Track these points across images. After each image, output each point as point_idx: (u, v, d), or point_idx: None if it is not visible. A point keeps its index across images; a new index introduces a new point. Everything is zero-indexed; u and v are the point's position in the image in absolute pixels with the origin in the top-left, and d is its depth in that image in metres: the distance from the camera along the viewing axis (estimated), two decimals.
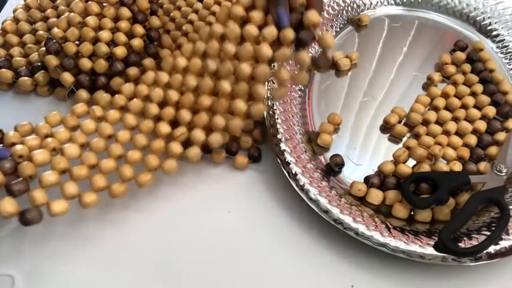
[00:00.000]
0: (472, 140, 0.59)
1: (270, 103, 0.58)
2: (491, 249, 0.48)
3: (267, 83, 0.58)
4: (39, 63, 0.63)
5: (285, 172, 0.53)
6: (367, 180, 0.55)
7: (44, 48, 0.61)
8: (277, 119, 0.57)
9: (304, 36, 0.50)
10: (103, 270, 0.49)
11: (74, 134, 0.53)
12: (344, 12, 0.72)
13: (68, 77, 0.59)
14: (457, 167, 0.56)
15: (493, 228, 0.49)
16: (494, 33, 0.72)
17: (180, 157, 0.52)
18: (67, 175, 0.49)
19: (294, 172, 0.53)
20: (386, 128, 0.61)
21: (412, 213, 0.53)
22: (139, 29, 0.62)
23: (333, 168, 0.56)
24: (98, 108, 0.55)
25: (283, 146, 0.55)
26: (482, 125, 0.60)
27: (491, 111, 0.62)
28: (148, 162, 0.52)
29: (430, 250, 0.48)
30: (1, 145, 0.51)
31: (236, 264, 0.50)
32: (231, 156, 0.57)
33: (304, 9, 0.50)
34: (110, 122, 0.54)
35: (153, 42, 0.64)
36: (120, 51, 0.60)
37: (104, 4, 0.62)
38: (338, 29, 0.71)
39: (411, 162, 0.57)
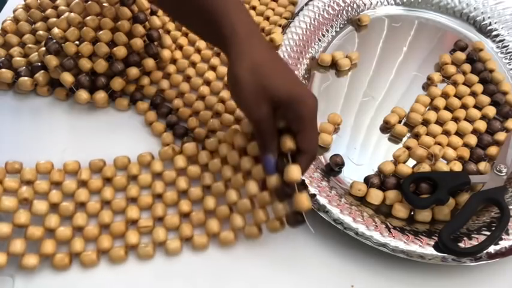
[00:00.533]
0: (472, 140, 0.59)
1: None
2: (491, 249, 0.48)
3: None
4: (39, 63, 0.63)
5: None
6: (367, 180, 0.55)
7: (44, 48, 0.61)
8: None
9: (282, 191, 0.47)
10: (105, 268, 0.50)
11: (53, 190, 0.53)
12: (344, 12, 0.72)
13: (67, 77, 0.59)
14: (457, 167, 0.56)
15: (493, 228, 0.49)
16: (494, 33, 0.72)
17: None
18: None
19: None
20: (386, 128, 0.61)
21: (412, 213, 0.53)
22: (139, 29, 0.63)
23: (333, 168, 0.56)
24: (87, 171, 0.55)
25: None
26: (482, 125, 0.60)
27: (491, 111, 0.62)
28: (99, 243, 0.50)
29: (430, 250, 0.48)
30: None
31: (234, 263, 0.50)
32: None
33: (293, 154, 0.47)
34: (90, 189, 0.54)
35: (153, 42, 0.64)
36: (120, 51, 0.60)
37: (104, 4, 0.62)
38: (338, 29, 0.71)
39: (411, 162, 0.57)
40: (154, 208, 0.52)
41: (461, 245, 0.49)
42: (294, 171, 0.45)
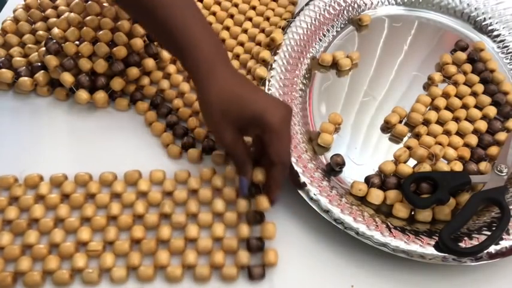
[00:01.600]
0: (473, 140, 0.59)
1: None
2: (492, 249, 0.48)
3: None
4: (39, 63, 0.63)
5: None
6: (367, 180, 0.55)
7: (44, 48, 0.61)
8: None
9: (251, 217, 0.51)
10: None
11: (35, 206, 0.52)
12: (345, 12, 0.72)
13: (67, 77, 0.59)
14: (458, 166, 0.56)
15: (494, 228, 0.49)
16: (495, 33, 0.71)
17: None
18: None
19: (294, 172, 0.53)
20: (387, 127, 0.61)
21: (413, 213, 0.53)
22: (139, 29, 0.62)
23: (333, 168, 0.56)
24: (71, 184, 0.54)
25: None
26: (483, 125, 0.60)
27: (491, 111, 0.61)
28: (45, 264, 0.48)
29: (430, 250, 0.48)
30: None
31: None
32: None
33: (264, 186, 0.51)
34: (70, 204, 0.52)
35: (153, 42, 0.64)
36: (120, 51, 0.60)
37: (104, 4, 0.62)
38: (339, 29, 0.71)
39: (412, 162, 0.57)
40: (106, 231, 0.50)
41: (462, 244, 0.49)
42: (263, 203, 0.50)
